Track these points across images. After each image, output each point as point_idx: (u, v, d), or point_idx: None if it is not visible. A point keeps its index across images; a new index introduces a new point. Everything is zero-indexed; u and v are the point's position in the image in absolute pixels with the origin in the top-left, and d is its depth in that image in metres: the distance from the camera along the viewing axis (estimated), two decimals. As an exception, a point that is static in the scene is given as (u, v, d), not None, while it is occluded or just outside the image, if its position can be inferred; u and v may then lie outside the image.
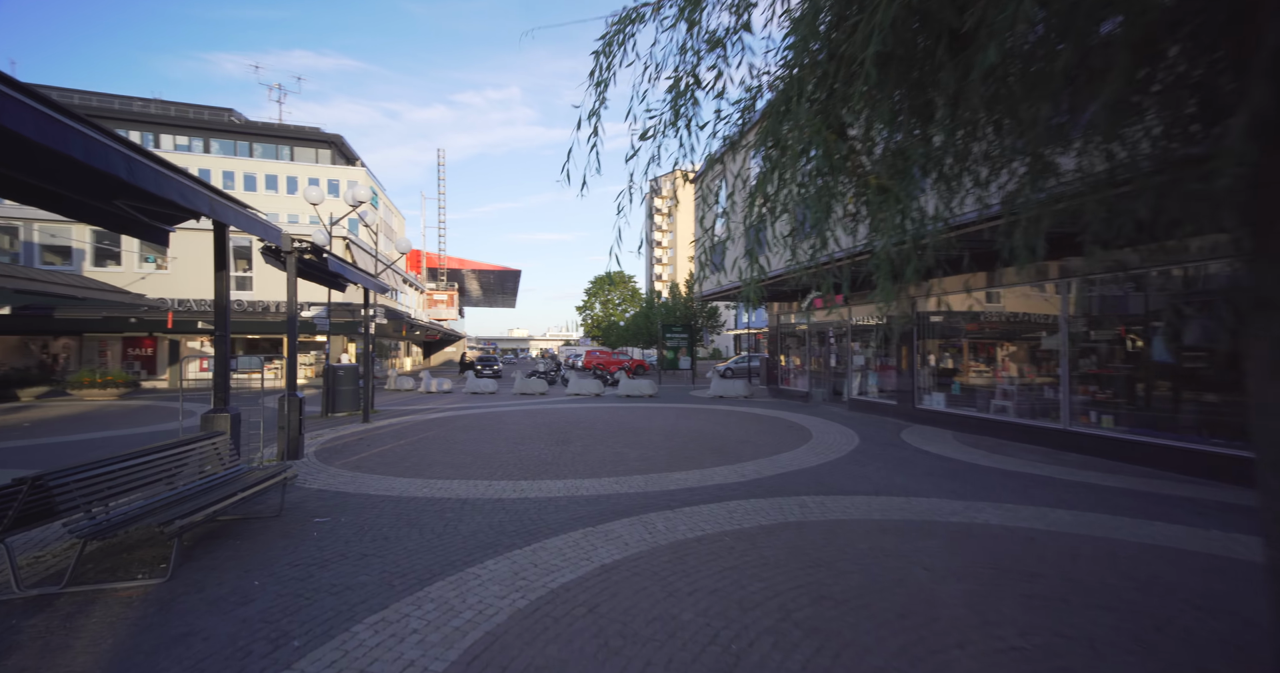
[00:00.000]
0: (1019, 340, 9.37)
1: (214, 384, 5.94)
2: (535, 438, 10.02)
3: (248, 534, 4.77)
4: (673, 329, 24.18)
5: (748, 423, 11.82)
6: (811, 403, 15.51)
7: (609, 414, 13.59)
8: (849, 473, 7.07)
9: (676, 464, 7.72)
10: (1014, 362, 9.32)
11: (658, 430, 10.88)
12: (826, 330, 14.86)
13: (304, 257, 8.20)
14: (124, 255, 21.70)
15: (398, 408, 15.61)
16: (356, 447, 9.24)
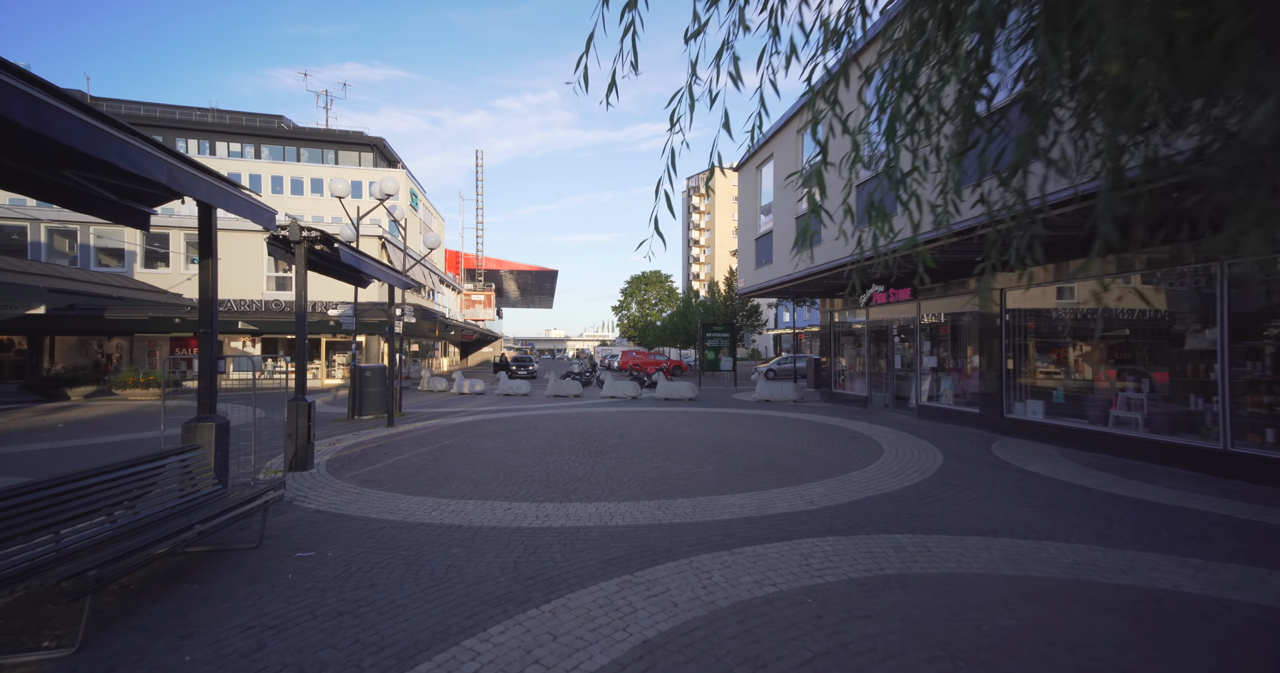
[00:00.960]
0: (1150, 338, 7.76)
1: (199, 389, 5.18)
2: (566, 448, 9.05)
3: (210, 574, 3.92)
4: (713, 328, 22.89)
5: (803, 432, 10.52)
6: (871, 409, 14.00)
7: (647, 420, 12.53)
8: (946, 502, 5.74)
9: (728, 484, 6.57)
10: (1144, 365, 7.70)
11: (702, 440, 9.73)
12: (889, 328, 13.35)
13: (315, 247, 7.47)
14: (171, 257, 22.10)
15: (427, 410, 15.00)
16: (373, 455, 8.48)
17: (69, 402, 16.44)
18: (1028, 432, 9.09)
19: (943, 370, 11.65)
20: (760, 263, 16.56)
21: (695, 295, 50.77)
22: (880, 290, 13.22)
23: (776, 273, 15.12)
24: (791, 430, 10.75)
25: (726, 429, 11.02)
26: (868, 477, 6.87)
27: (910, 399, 12.64)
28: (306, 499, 5.93)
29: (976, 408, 10.34)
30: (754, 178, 16.92)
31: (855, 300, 14.51)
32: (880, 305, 13.47)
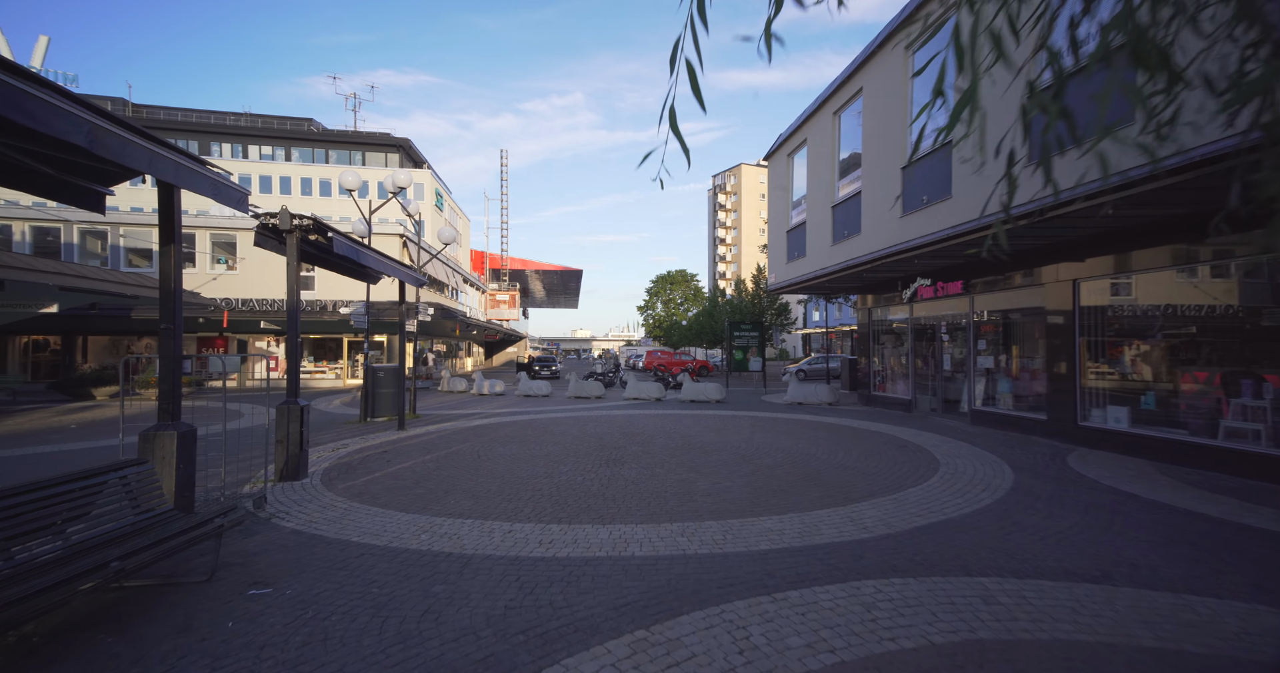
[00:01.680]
0: (1274, 337, 6.55)
1: (159, 392, 4.58)
2: (582, 455, 8.29)
3: (138, 619, 3.26)
4: (741, 327, 21.87)
5: (844, 440, 9.52)
6: (916, 414, 12.86)
7: (671, 424, 11.69)
8: (1033, 531, 4.75)
9: (763, 502, 5.69)
10: (1263, 366, 6.49)
11: (731, 448, 8.85)
12: (937, 326, 12.20)
13: (308, 237, 6.88)
14: (197, 257, 22.24)
15: (442, 412, 14.46)
16: (375, 463, 7.86)
17: (93, 402, 16.49)
18: (1109, 443, 7.92)
19: (1000, 372, 10.48)
20: (792, 257, 15.53)
21: (721, 294, 49.63)
22: (926, 285, 12.08)
23: (810, 267, 14.09)
24: (830, 438, 9.76)
25: (757, 436, 10.10)
26: (927, 496, 5.89)
27: (961, 403, 11.48)
28: (287, 516, 5.29)
29: (1043, 414, 9.16)
30: (785, 167, 15.91)
31: (898, 296, 13.38)
32: (926, 301, 12.33)
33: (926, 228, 9.10)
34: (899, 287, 13.29)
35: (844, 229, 12.38)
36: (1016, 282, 9.75)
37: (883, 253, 10.23)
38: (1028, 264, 9.37)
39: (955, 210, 8.44)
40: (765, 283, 41.04)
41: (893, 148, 10.34)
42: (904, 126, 10.01)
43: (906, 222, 9.85)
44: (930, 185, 9.23)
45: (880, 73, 10.72)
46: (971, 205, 8.05)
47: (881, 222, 10.74)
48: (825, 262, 13.17)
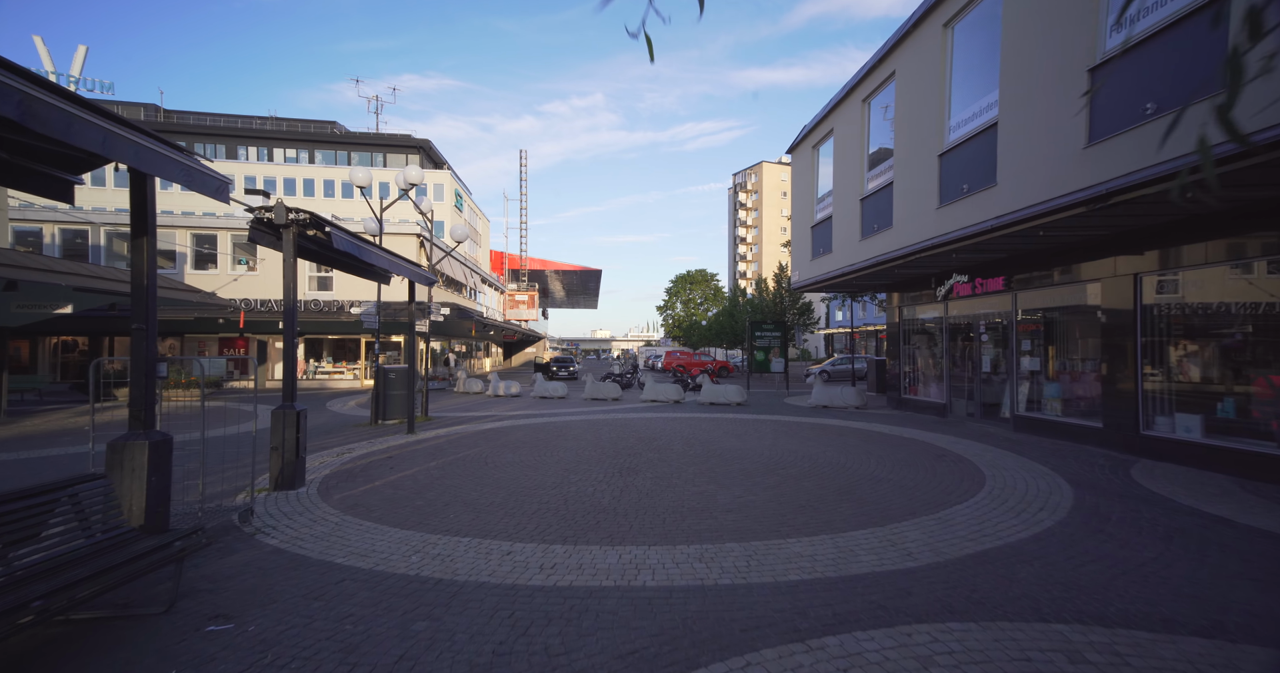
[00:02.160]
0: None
1: (130, 397, 4.22)
2: (594, 463, 7.80)
3: (70, 663, 2.86)
4: (763, 327, 21.18)
5: (876, 448, 8.86)
6: (952, 419, 12.07)
7: (690, 428, 11.14)
8: (1107, 562, 4.09)
9: (791, 520, 5.12)
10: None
11: (754, 456, 8.27)
12: (975, 325, 11.41)
13: (305, 232, 6.52)
14: (219, 258, 22.43)
15: (455, 414, 14.15)
16: (377, 469, 7.49)
17: (113, 402, 16.62)
18: (1177, 455, 7.12)
19: (1046, 375, 9.67)
20: (817, 253, 14.85)
21: (742, 294, 48.78)
22: (963, 281, 11.31)
23: (836, 263, 13.40)
24: (860, 445, 9.10)
25: (781, 442, 9.49)
26: (976, 515, 5.25)
27: (1002, 408, 10.68)
28: (273, 531, 4.91)
29: (1097, 421, 8.37)
30: (810, 159, 15.22)
31: (931, 294, 12.60)
32: (963, 299, 11.55)
33: (967, 219, 8.39)
34: (932, 284, 12.51)
35: (873, 223, 11.67)
36: (1066, 277, 8.95)
37: (917, 247, 9.53)
38: (1078, 258, 8.58)
39: (1000, 198, 7.72)
40: (788, 282, 40.14)
41: (929, 134, 9.63)
42: (942, 110, 9.30)
43: (944, 213, 9.13)
44: (971, 172, 8.51)
45: (915, 54, 10.01)
46: (1020, 191, 7.33)
47: (915, 214, 10.03)
48: (853, 258, 12.47)
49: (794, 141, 16.00)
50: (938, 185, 9.35)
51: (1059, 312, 9.46)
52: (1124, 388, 7.80)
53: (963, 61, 9.00)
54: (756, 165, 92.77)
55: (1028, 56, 7.33)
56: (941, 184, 9.27)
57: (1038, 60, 7.16)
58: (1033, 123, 7.24)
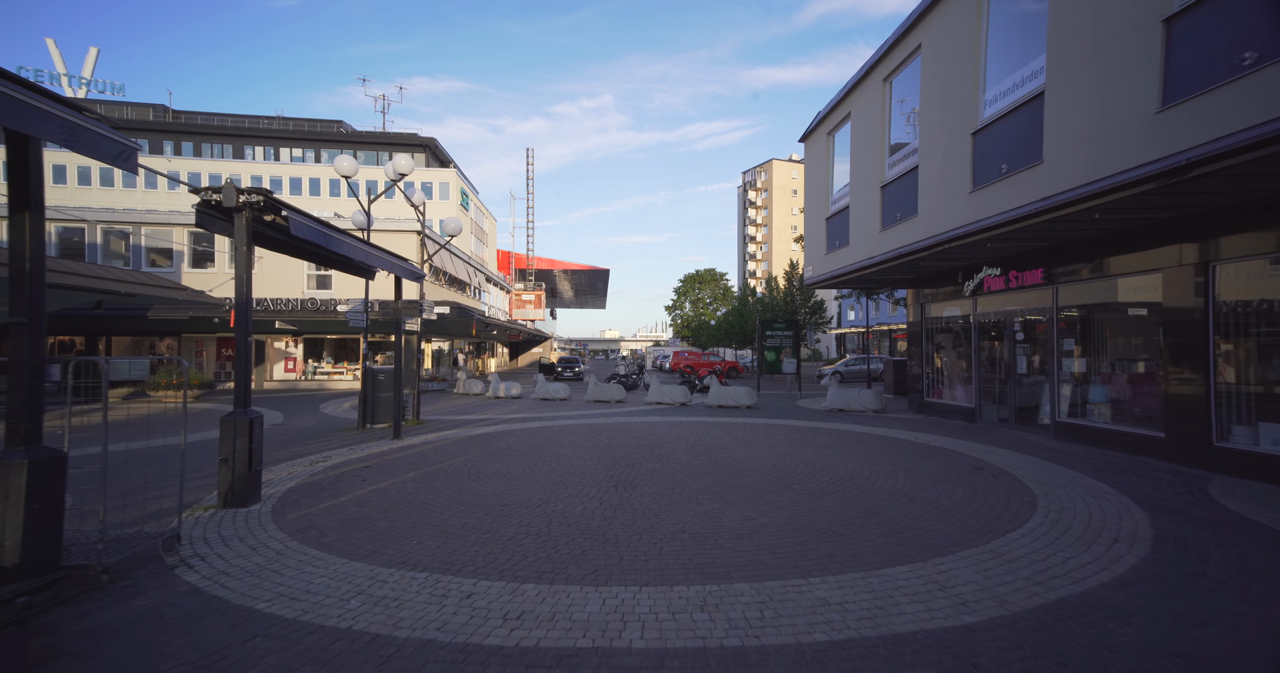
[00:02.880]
0: None
1: (9, 406, 3.49)
2: (588, 474, 7.01)
3: None
4: (774, 326, 20.26)
5: (902, 458, 7.98)
6: (981, 424, 11.13)
7: (696, 434, 10.31)
8: (1231, 620, 3.20)
9: (812, 551, 4.29)
10: None
11: (766, 466, 7.43)
12: (1009, 322, 10.46)
13: (261, 217, 5.80)
14: (217, 256, 21.98)
15: (449, 418, 13.45)
16: (349, 482, 6.76)
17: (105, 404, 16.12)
18: (1262, 471, 6.16)
19: (1093, 377, 8.71)
20: (832, 246, 13.95)
21: (752, 293, 47.77)
22: (995, 275, 10.37)
23: (853, 257, 12.49)
24: (884, 455, 8.22)
25: (796, 450, 8.63)
26: (1036, 547, 4.38)
27: (1040, 414, 9.73)
28: (200, 563, 4.17)
29: (1158, 430, 7.41)
30: (824, 147, 14.32)
31: (958, 289, 11.66)
32: (995, 294, 10.60)
33: (1006, 202, 7.48)
34: (959, 278, 11.58)
35: (895, 211, 10.77)
36: (1118, 268, 8.01)
37: (947, 236, 8.63)
38: (1134, 246, 7.64)
39: (1047, 178, 6.81)
40: (799, 279, 39.09)
41: (960, 111, 8.72)
42: (975, 84, 8.39)
43: (979, 197, 8.23)
44: (1012, 150, 7.60)
45: (944, 24, 9.11)
46: (1072, 168, 6.42)
47: (944, 200, 9.12)
48: (872, 250, 11.57)
49: (807, 129, 15.10)
50: (970, 167, 8.45)
51: (1108, 307, 8.51)
52: (1192, 393, 6.85)
53: (999, 28, 8.09)
54: (766, 163, 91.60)
55: (1084, 13, 6.41)
56: (975, 165, 8.36)
57: (1096, 15, 6.24)
58: (1089, 89, 6.33)
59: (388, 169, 12.02)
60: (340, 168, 11.02)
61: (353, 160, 11.07)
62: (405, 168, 11.76)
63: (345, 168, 11.02)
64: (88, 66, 47.87)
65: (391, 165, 11.88)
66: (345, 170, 11.03)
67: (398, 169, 11.79)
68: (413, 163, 11.94)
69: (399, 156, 11.76)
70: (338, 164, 10.98)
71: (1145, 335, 7.92)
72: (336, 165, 11.01)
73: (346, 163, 11.01)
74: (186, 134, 45.61)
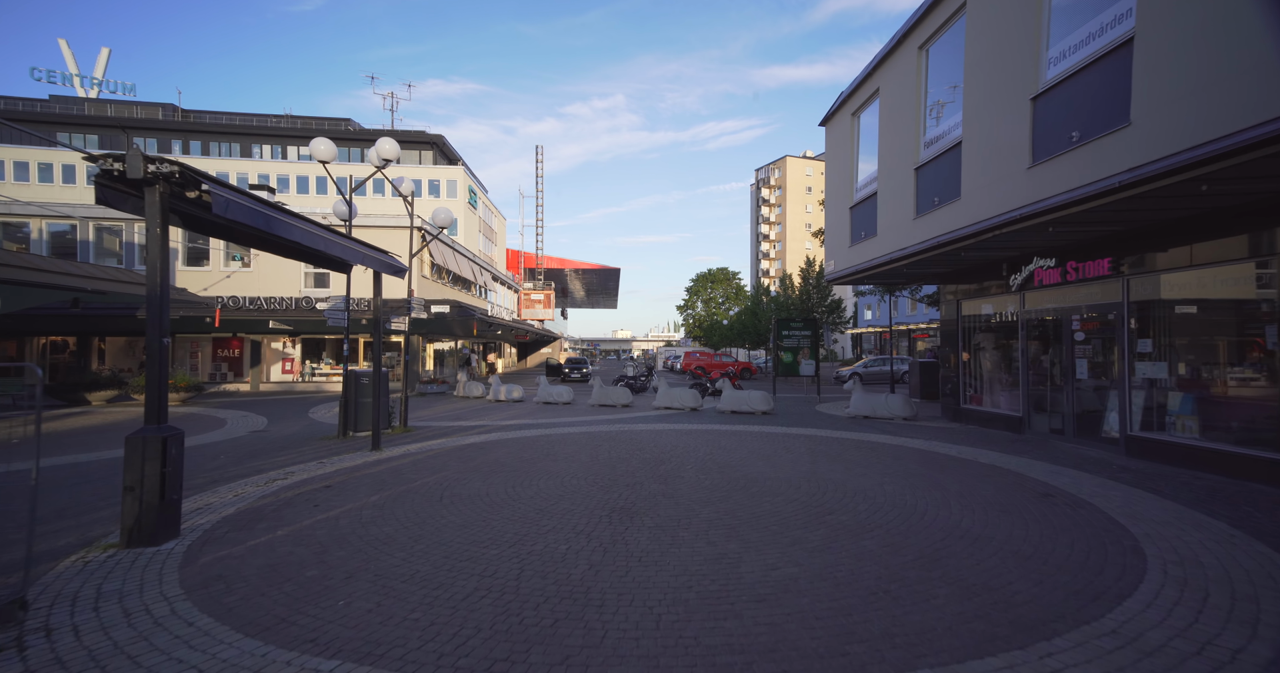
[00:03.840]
0: None
1: None
2: (580, 500, 5.94)
3: None
4: (790, 325, 19.00)
5: (950, 479, 6.79)
6: (1030, 436, 9.87)
7: (707, 445, 9.19)
8: None
9: (862, 626, 3.17)
10: None
11: (789, 490, 6.30)
12: (1065, 320, 9.18)
13: (181, 192, 4.80)
14: (211, 253, 21.31)
15: (441, 424, 12.47)
16: (296, 509, 5.76)
17: (86, 408, 15.43)
18: None
19: (1175, 384, 7.42)
20: (857, 238, 12.73)
21: (766, 292, 46.43)
22: (1048, 266, 9.10)
23: (882, 248, 11.28)
24: (926, 475, 7.04)
25: (822, 467, 7.48)
26: (1174, 625, 3.20)
27: (1105, 425, 8.46)
28: (40, 641, 3.16)
29: (1268, 451, 6.14)
30: (848, 130, 13.10)
31: (1002, 283, 10.40)
32: (1049, 288, 9.33)
33: (1077, 176, 6.26)
34: (1003, 271, 10.31)
35: (933, 196, 9.55)
36: (1213, 254, 6.73)
37: (999, 220, 7.41)
38: (1236, 229, 6.38)
39: (1135, 144, 5.59)
40: (815, 277, 37.67)
41: (1016, 73, 7.49)
42: (1036, 41, 7.16)
43: (1039, 174, 7.01)
44: (1086, 114, 6.38)
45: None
46: (1173, 130, 5.19)
47: (994, 179, 7.90)
48: (903, 240, 10.35)
49: (829, 111, 13.89)
50: (1029, 138, 7.22)
51: (1196, 302, 7.23)
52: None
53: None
54: (780, 160, 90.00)
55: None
56: (1036, 136, 7.14)
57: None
58: (1196, 27, 5.10)
59: (371, 155, 11.07)
60: (317, 152, 10.08)
61: (330, 144, 10.13)
62: (389, 153, 10.80)
63: (322, 152, 10.08)
64: (99, 66, 47.98)
65: (375, 151, 10.93)
66: (322, 154, 10.09)
67: (381, 154, 10.83)
68: (397, 148, 10.97)
69: (382, 141, 10.79)
70: (314, 148, 10.04)
71: (1247, 335, 6.64)
72: (313, 149, 10.07)
73: (323, 146, 10.06)
74: (194, 133, 45.46)
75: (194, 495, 6.18)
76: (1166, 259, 7.32)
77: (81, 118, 43.67)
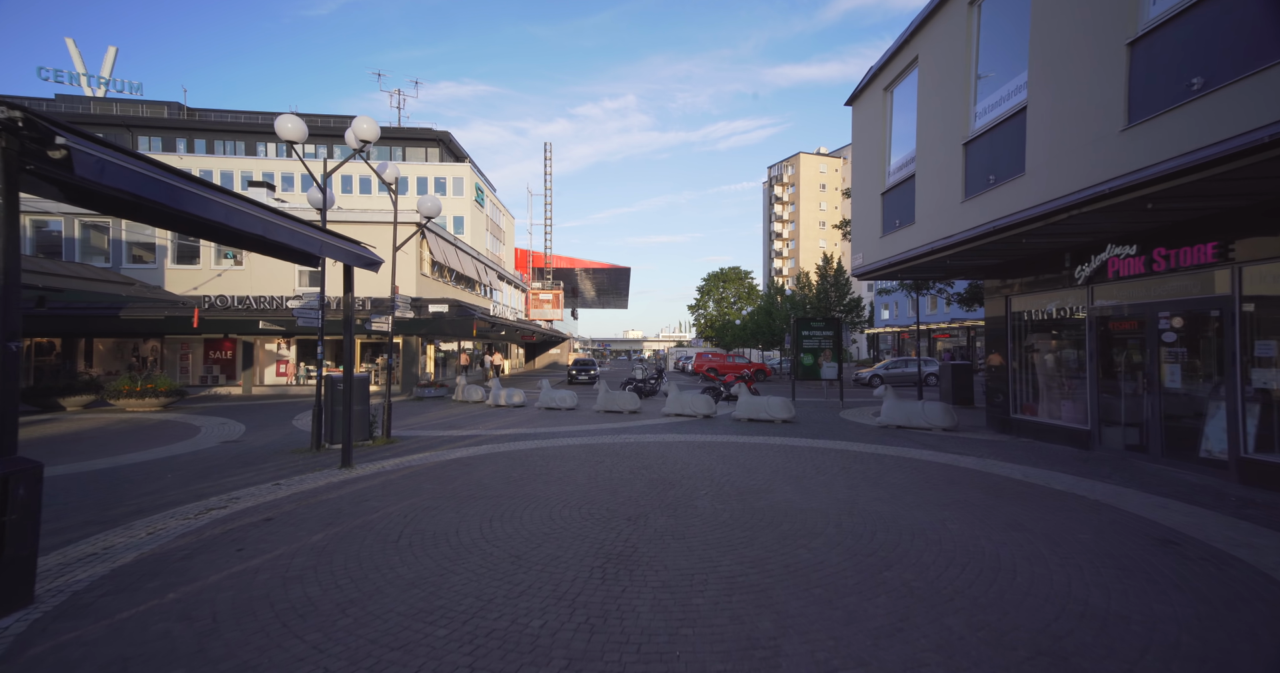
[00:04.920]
0: None
1: None
2: (569, 543, 4.72)
3: None
4: (811, 325, 17.62)
5: (1027, 516, 5.48)
6: (1102, 453, 8.48)
7: (724, 464, 7.93)
8: None
9: None
10: None
11: (829, 529, 5.02)
12: (1150, 317, 7.78)
13: (40, 150, 3.65)
14: (201, 251, 20.45)
15: (429, 434, 11.33)
16: (208, 557, 4.61)
17: (58, 414, 14.54)
18: None
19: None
20: (891, 227, 11.39)
21: (780, 291, 44.92)
22: (1127, 254, 7.72)
23: (921, 237, 9.94)
24: (996, 508, 5.72)
25: (865, 496, 6.18)
26: None
27: (1204, 443, 7.07)
28: None
29: None
30: (880, 107, 11.76)
31: (1066, 275, 9.02)
32: (1128, 280, 7.95)
33: (1200, 135, 4.92)
34: (1066, 262, 8.94)
35: (988, 173, 8.20)
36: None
37: (1083, 196, 6.07)
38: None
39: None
40: (833, 275, 36.14)
41: (1109, 11, 6.14)
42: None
43: (1139, 136, 5.66)
44: (1207, 58, 5.03)
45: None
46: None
47: (1072, 148, 6.55)
48: (949, 227, 9.01)
49: (857, 88, 12.55)
50: (1125, 95, 5.88)
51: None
52: None
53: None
54: (793, 157, 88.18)
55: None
56: (1134, 91, 5.79)
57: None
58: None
59: (348, 136, 9.97)
60: (284, 131, 8.97)
61: (298, 121, 9.01)
62: (367, 133, 9.69)
63: (289, 131, 8.97)
64: (106, 66, 47.81)
65: (351, 131, 9.84)
66: (289, 134, 8.98)
67: (359, 135, 9.73)
68: (376, 129, 9.85)
69: (359, 120, 9.69)
70: (279, 126, 8.94)
71: None
72: (279, 127, 8.96)
73: (290, 124, 8.95)
74: (200, 131, 45.06)
75: (98, 535, 5.07)
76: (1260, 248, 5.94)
77: (83, 116, 43.44)
